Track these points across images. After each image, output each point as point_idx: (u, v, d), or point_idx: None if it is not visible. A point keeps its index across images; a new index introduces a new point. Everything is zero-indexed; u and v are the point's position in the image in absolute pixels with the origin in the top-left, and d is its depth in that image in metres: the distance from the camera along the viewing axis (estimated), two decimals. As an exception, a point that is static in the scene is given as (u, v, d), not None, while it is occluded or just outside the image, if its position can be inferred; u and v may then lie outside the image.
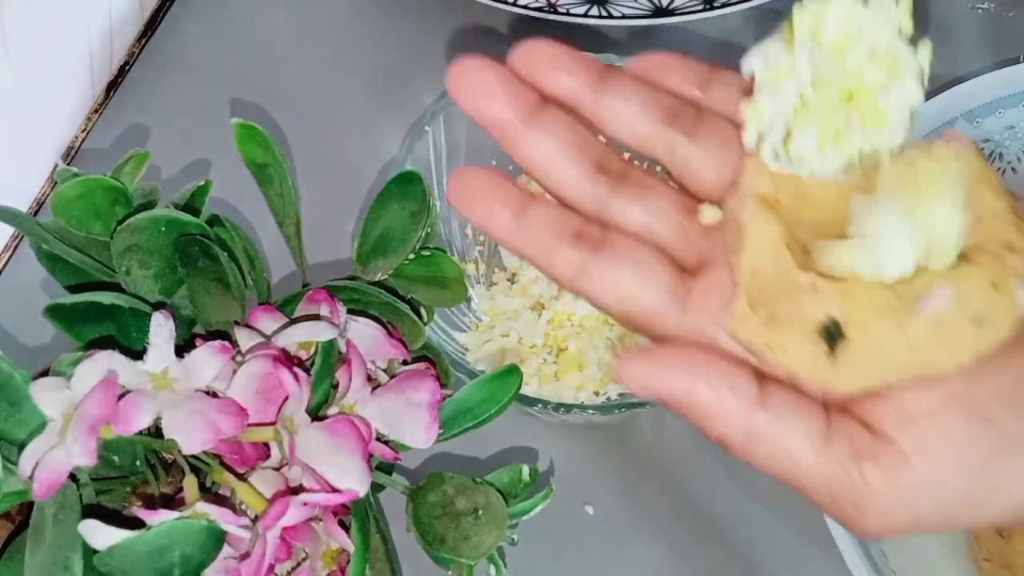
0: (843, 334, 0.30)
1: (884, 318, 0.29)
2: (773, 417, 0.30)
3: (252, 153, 0.41)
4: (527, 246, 0.32)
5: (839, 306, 0.30)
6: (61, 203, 0.39)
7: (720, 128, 0.34)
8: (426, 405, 0.39)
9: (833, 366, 0.30)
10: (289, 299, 0.41)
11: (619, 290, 0.32)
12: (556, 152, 0.33)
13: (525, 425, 0.54)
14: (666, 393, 0.30)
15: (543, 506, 0.42)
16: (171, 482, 0.38)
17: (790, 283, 0.30)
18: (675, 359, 0.31)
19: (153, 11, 0.66)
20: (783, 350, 0.30)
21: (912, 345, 0.29)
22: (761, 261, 0.31)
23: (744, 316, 0.31)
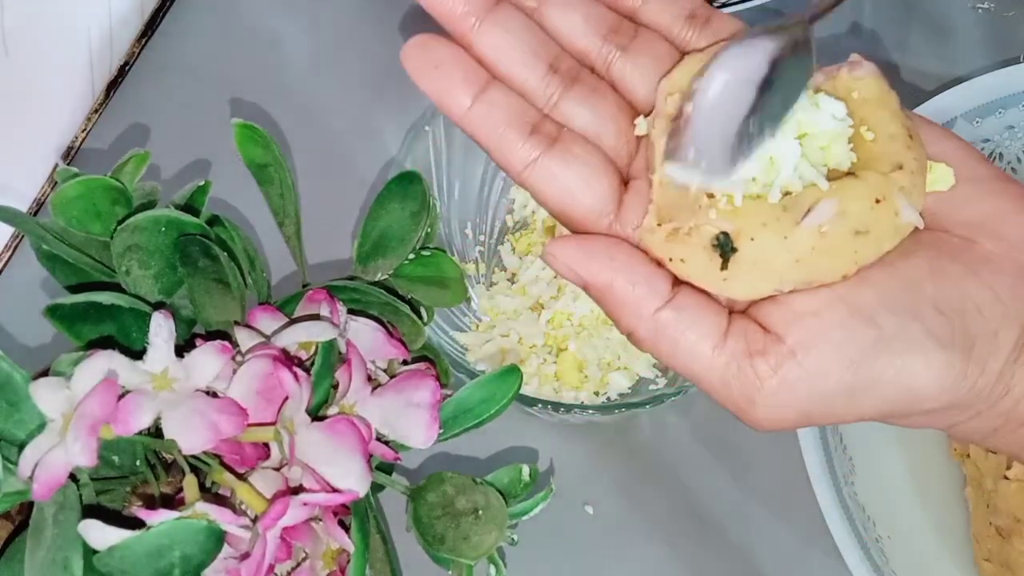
0: (734, 247, 0.32)
1: (771, 230, 0.32)
2: (678, 315, 0.32)
3: (252, 153, 0.41)
4: (482, 131, 0.33)
5: (731, 221, 0.32)
6: (61, 203, 0.39)
7: (654, 45, 0.35)
8: (426, 405, 0.39)
9: (726, 276, 0.32)
10: (289, 299, 0.41)
11: (565, 189, 0.33)
12: (509, 48, 0.34)
13: (525, 425, 0.54)
14: (588, 279, 0.33)
15: (543, 506, 0.42)
16: (171, 482, 0.38)
17: (691, 201, 0.33)
18: (602, 249, 0.33)
19: (153, 11, 0.66)
20: (681, 262, 0.33)
21: (797, 255, 0.32)
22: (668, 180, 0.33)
23: (651, 228, 0.33)
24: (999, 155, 0.56)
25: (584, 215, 0.34)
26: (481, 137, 0.34)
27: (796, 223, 0.32)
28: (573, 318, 0.54)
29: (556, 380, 0.53)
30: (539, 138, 0.33)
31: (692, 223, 0.32)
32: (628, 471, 0.54)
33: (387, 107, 0.63)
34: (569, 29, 0.35)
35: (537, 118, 0.34)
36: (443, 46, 0.33)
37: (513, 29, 0.34)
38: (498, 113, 0.33)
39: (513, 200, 0.59)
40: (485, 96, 0.33)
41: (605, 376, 0.53)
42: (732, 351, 0.32)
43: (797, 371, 0.31)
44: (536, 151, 0.33)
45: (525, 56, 0.34)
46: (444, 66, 0.33)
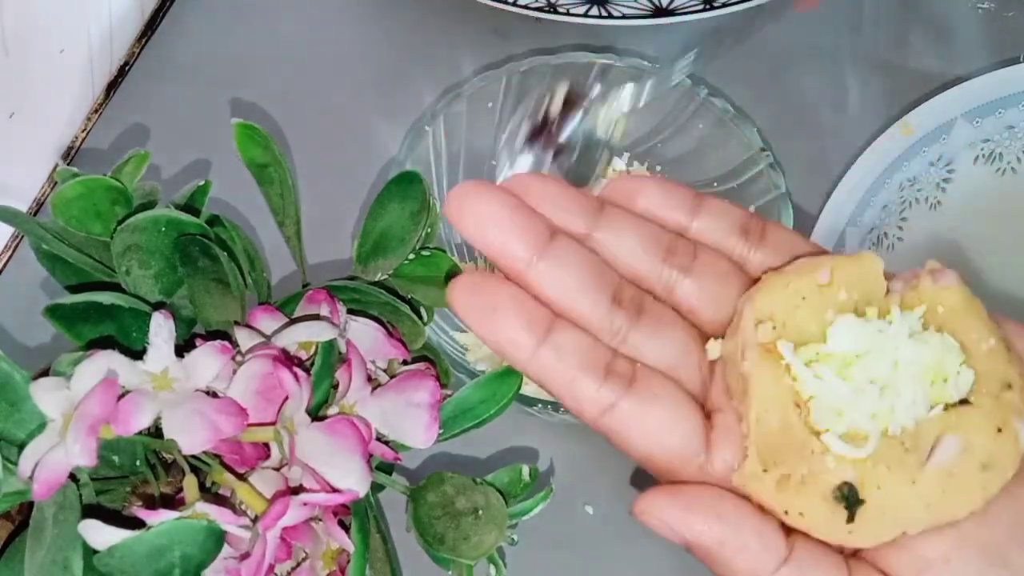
0: (860, 498, 0.30)
1: (897, 476, 0.30)
2: (799, 573, 0.30)
3: (252, 153, 0.41)
4: (551, 377, 0.31)
5: (853, 468, 0.30)
6: (61, 203, 0.39)
7: (715, 263, 0.33)
8: (426, 405, 0.39)
9: (852, 529, 0.30)
10: (289, 299, 0.41)
11: (650, 434, 0.31)
12: (571, 284, 0.31)
13: (525, 425, 0.54)
14: (692, 540, 0.30)
15: (543, 506, 0.42)
16: (171, 482, 0.38)
17: (799, 442, 0.30)
18: (703, 504, 0.30)
19: (153, 11, 0.66)
20: (799, 515, 0.30)
21: (927, 500, 0.30)
22: (768, 415, 0.30)
23: (756, 475, 0.30)
24: (999, 155, 0.56)
25: (672, 459, 0.31)
26: (551, 383, 0.31)
27: (921, 464, 0.30)
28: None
29: (556, 380, 0.53)
30: (615, 380, 0.31)
31: (806, 471, 0.30)
32: (628, 471, 0.54)
33: (387, 107, 0.63)
34: (626, 253, 0.32)
35: (609, 357, 0.31)
36: (497, 285, 0.30)
37: (573, 263, 0.31)
38: (568, 357, 0.30)
39: (513, 200, 0.59)
40: (552, 340, 0.30)
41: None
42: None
43: None
44: (613, 395, 0.30)
45: (588, 291, 0.31)
46: (502, 309, 0.30)
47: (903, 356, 0.30)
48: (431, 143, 0.55)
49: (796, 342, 0.31)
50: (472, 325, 0.31)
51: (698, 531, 0.29)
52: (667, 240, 0.33)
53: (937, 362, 0.31)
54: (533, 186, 0.32)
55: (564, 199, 0.32)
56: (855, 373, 0.31)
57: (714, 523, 0.29)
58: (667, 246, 0.33)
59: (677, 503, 0.30)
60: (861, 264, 0.32)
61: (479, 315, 0.30)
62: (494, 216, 0.30)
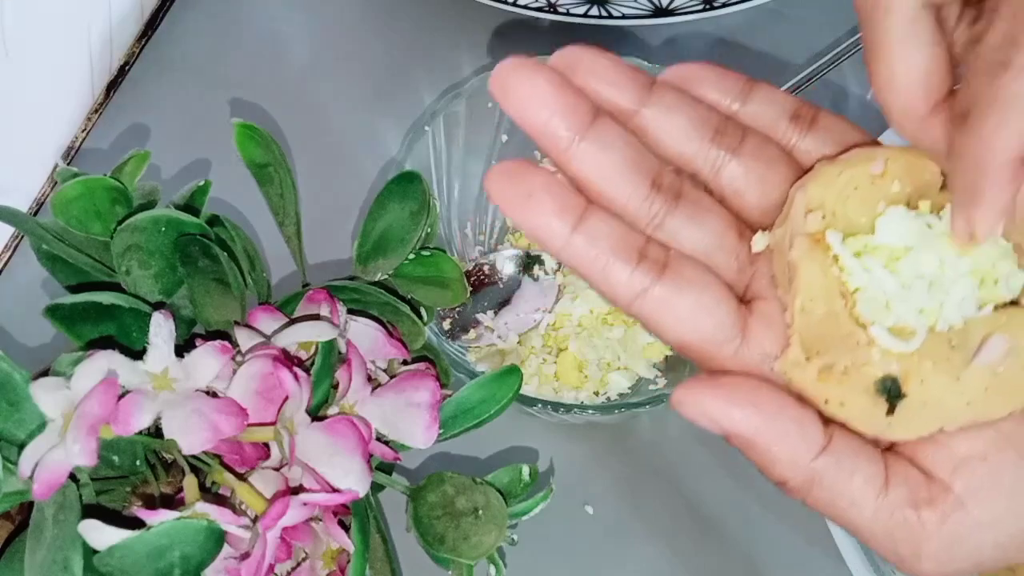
0: (902, 392, 0.30)
1: (941, 371, 0.30)
2: (836, 463, 0.30)
3: (252, 153, 0.41)
4: (584, 261, 0.31)
5: (898, 362, 0.30)
6: (61, 203, 0.39)
7: (764, 148, 0.33)
8: (426, 405, 0.39)
9: (891, 422, 0.30)
10: (289, 299, 0.41)
11: (682, 318, 0.30)
12: (611, 167, 0.31)
13: (525, 425, 0.54)
14: (731, 429, 0.30)
15: (543, 506, 0.42)
16: (171, 482, 0.38)
17: (844, 332, 0.30)
18: (742, 393, 0.30)
19: (153, 11, 0.66)
20: (839, 405, 0.30)
21: (969, 397, 0.30)
22: (813, 304, 0.30)
23: (798, 363, 0.30)
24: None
25: (705, 344, 0.31)
26: (584, 269, 0.31)
27: (966, 362, 0.30)
28: (573, 318, 0.54)
29: (556, 380, 0.53)
30: (647, 265, 0.30)
31: (850, 362, 0.30)
32: (628, 471, 0.54)
33: (387, 107, 0.63)
34: (674, 132, 0.32)
35: (642, 243, 0.31)
36: (532, 173, 0.30)
37: (615, 146, 0.31)
38: (601, 243, 0.30)
39: (513, 200, 0.59)
40: (585, 226, 0.30)
41: (605, 376, 0.53)
42: (895, 500, 0.29)
43: (968, 522, 0.29)
44: (646, 280, 0.30)
45: (627, 174, 0.31)
46: (537, 195, 0.30)
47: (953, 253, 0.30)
48: (431, 143, 0.55)
49: (845, 233, 0.31)
50: (507, 211, 0.30)
51: (737, 420, 0.29)
52: (716, 121, 0.33)
53: (988, 261, 0.30)
54: (584, 60, 0.31)
55: (615, 74, 0.32)
56: (903, 267, 0.30)
57: (753, 412, 0.29)
58: (716, 127, 0.32)
59: (716, 393, 0.30)
60: (917, 156, 0.32)
61: (515, 201, 0.30)
62: (538, 95, 0.30)
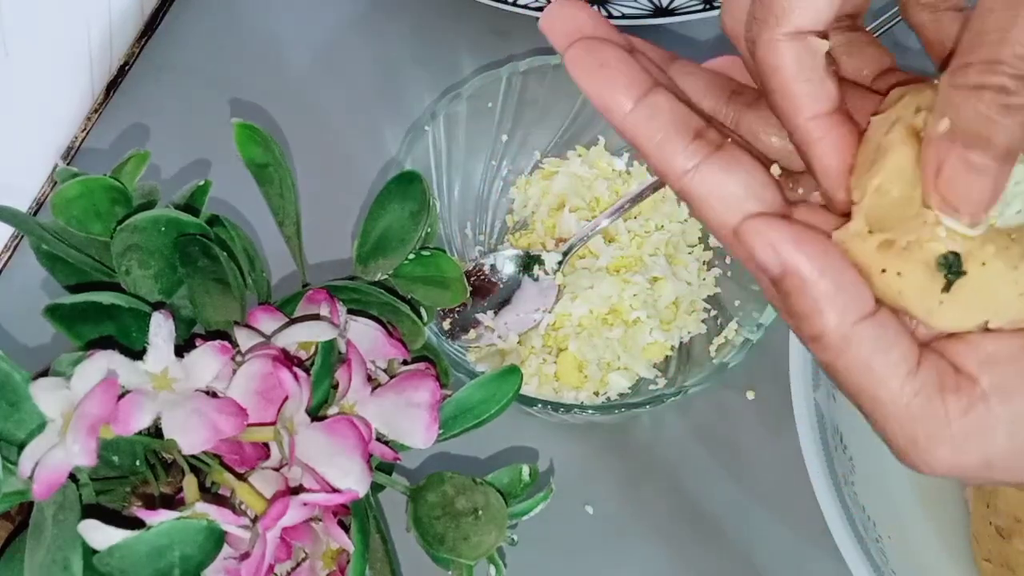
0: (962, 269, 0.30)
1: (1002, 259, 0.30)
2: (876, 332, 0.30)
3: (252, 153, 0.41)
4: (641, 134, 0.32)
5: (962, 244, 0.30)
6: (61, 203, 0.39)
7: None
8: (426, 405, 0.39)
9: (943, 300, 0.30)
10: (289, 299, 0.41)
11: (728, 197, 0.31)
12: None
13: (525, 425, 0.54)
14: (792, 267, 0.30)
15: (543, 506, 0.42)
16: (171, 482, 0.38)
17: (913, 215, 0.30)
18: (812, 241, 0.30)
19: (153, 11, 0.66)
20: (896, 276, 0.30)
21: (1021, 290, 0.30)
22: (891, 184, 0.31)
23: (859, 234, 0.30)
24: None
25: None
26: (641, 140, 0.32)
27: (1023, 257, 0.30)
28: (573, 318, 0.54)
29: (556, 380, 0.53)
30: (701, 143, 0.31)
31: (914, 236, 0.30)
32: (628, 471, 0.54)
33: (387, 107, 0.63)
34: (694, 92, 0.34)
35: (701, 125, 0.32)
36: (609, 48, 0.32)
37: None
38: (662, 115, 0.31)
39: (513, 200, 0.59)
40: (647, 100, 0.31)
41: (605, 376, 0.53)
42: (923, 382, 0.30)
43: (989, 416, 0.30)
44: (697, 157, 0.31)
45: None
46: (608, 67, 0.31)
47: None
48: (431, 143, 0.55)
49: None
50: (578, 79, 0.32)
51: (799, 260, 0.30)
52: (733, 85, 0.34)
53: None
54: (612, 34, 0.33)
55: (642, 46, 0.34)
56: None
57: (817, 257, 0.30)
58: (733, 90, 0.34)
59: (788, 227, 0.30)
60: None
61: (587, 70, 0.31)
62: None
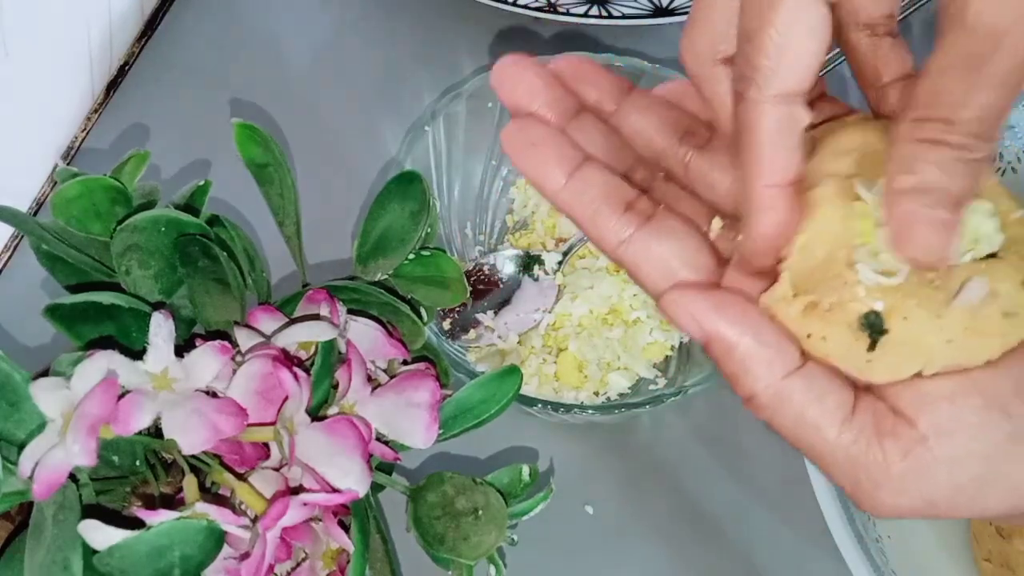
0: (884, 328, 0.30)
1: (924, 308, 0.30)
2: (807, 384, 0.31)
3: (252, 153, 0.41)
4: (576, 207, 0.33)
5: (882, 299, 0.30)
6: (61, 203, 0.39)
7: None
8: (426, 405, 0.39)
9: (871, 358, 0.30)
10: (289, 299, 0.41)
11: (663, 265, 0.32)
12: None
13: (525, 425, 0.54)
14: (713, 334, 0.31)
15: (543, 506, 0.42)
16: (171, 482, 0.38)
17: (834, 273, 0.31)
18: (732, 305, 0.31)
19: (153, 11, 0.66)
20: (821, 340, 0.31)
21: (949, 336, 0.30)
22: (816, 244, 0.31)
23: (784, 298, 0.31)
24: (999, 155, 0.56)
25: None
26: (576, 213, 0.33)
27: (948, 301, 0.30)
28: (573, 318, 0.54)
29: (556, 380, 0.53)
30: (634, 214, 0.33)
31: (836, 299, 0.30)
32: (628, 471, 0.54)
33: (387, 107, 0.63)
34: (647, 129, 0.35)
35: (632, 196, 0.33)
36: (540, 127, 0.33)
37: (594, 139, 0.34)
38: (593, 190, 0.33)
39: (513, 200, 0.59)
40: (580, 173, 0.33)
41: (605, 376, 0.53)
42: (860, 429, 0.30)
43: (928, 458, 0.30)
44: (631, 227, 0.32)
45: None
46: (540, 145, 0.33)
47: None
48: (431, 143, 0.55)
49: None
50: (513, 158, 0.33)
51: (721, 325, 0.31)
52: (686, 123, 0.35)
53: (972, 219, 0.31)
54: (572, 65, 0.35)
55: (597, 77, 0.35)
56: None
57: (737, 320, 0.31)
58: (686, 128, 0.35)
59: (707, 297, 0.31)
60: None
61: (519, 149, 0.33)
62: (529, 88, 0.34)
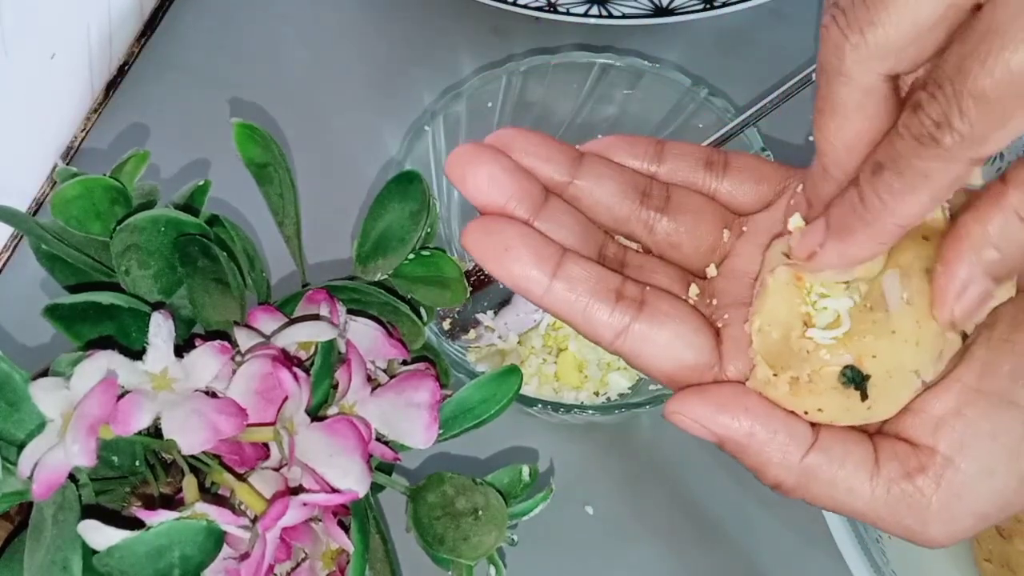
0: (864, 375, 0.31)
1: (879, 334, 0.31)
2: (827, 456, 0.31)
3: (252, 153, 0.41)
4: (565, 308, 0.32)
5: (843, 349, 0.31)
6: (61, 203, 0.39)
7: (688, 201, 0.35)
8: (426, 405, 0.39)
9: (870, 406, 0.31)
10: (289, 299, 0.41)
11: (664, 351, 0.32)
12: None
13: (525, 425, 0.54)
14: (723, 434, 0.31)
15: (543, 506, 0.42)
16: (171, 482, 0.38)
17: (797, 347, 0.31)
18: (731, 400, 0.31)
19: (153, 11, 0.66)
20: (818, 412, 0.31)
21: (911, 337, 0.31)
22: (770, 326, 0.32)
23: (768, 381, 0.32)
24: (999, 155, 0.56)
25: (688, 373, 0.32)
26: (566, 313, 0.32)
27: (887, 312, 0.31)
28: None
29: (556, 380, 0.53)
30: (626, 304, 0.32)
31: (810, 369, 0.31)
32: (628, 471, 0.54)
33: (387, 107, 0.63)
34: (606, 198, 0.34)
35: (619, 283, 0.33)
36: (507, 226, 0.32)
37: (565, 223, 0.33)
38: (580, 286, 0.32)
39: (513, 200, 0.59)
40: (562, 272, 0.32)
41: (605, 376, 0.53)
42: (889, 477, 0.31)
43: (960, 477, 0.30)
44: (626, 318, 0.32)
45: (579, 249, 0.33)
46: (513, 249, 0.32)
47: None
48: (431, 143, 0.55)
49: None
50: (487, 265, 0.32)
51: (728, 426, 0.31)
52: (643, 184, 0.35)
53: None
54: (517, 140, 0.34)
55: (546, 150, 0.34)
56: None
57: (742, 417, 0.31)
58: (643, 190, 0.35)
59: (706, 401, 0.31)
60: None
61: (493, 255, 0.32)
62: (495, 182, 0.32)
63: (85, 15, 0.60)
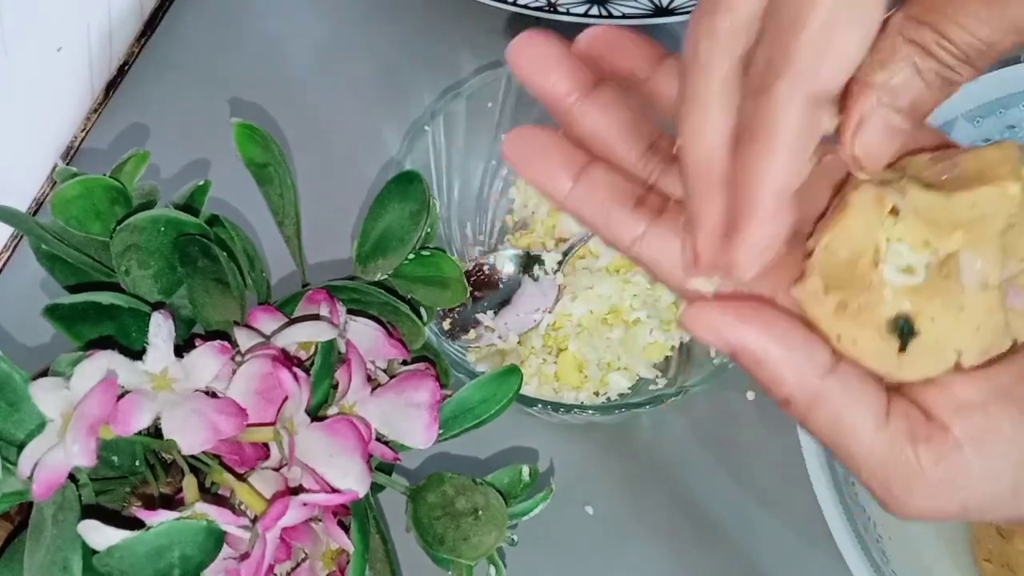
0: (914, 331, 0.30)
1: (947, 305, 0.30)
2: (842, 386, 0.30)
3: (252, 153, 0.41)
4: (586, 210, 0.32)
5: (908, 300, 0.30)
6: (61, 203, 0.39)
7: None
8: (426, 405, 0.39)
9: (901, 359, 0.30)
10: (289, 299, 0.41)
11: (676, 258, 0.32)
12: (608, 129, 0.33)
13: (525, 425, 0.54)
14: (739, 346, 0.30)
15: (543, 506, 0.42)
16: (171, 482, 0.38)
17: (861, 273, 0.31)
18: (753, 312, 0.30)
19: (153, 11, 0.66)
20: (852, 342, 0.31)
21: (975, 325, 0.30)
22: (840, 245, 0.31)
23: (816, 295, 0.31)
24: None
25: None
26: (586, 215, 0.32)
27: (962, 286, 0.30)
28: (573, 318, 0.54)
29: (556, 380, 0.53)
30: (645, 210, 0.32)
31: (864, 300, 0.30)
32: (628, 471, 0.54)
33: (387, 107, 0.63)
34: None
35: (641, 191, 0.33)
36: (541, 133, 0.33)
37: (613, 109, 0.33)
38: (601, 190, 0.32)
39: (513, 200, 0.59)
40: (586, 176, 0.32)
41: (605, 376, 0.53)
42: (894, 433, 0.30)
43: (963, 466, 0.30)
44: (643, 224, 0.32)
45: (625, 136, 0.33)
46: (542, 151, 0.33)
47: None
48: (431, 143, 0.55)
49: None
50: (518, 168, 0.33)
51: (746, 336, 0.30)
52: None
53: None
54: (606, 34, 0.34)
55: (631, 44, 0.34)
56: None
57: (763, 329, 0.30)
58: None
59: (726, 310, 0.30)
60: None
61: (524, 159, 0.33)
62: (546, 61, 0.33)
63: (85, 15, 0.60)
